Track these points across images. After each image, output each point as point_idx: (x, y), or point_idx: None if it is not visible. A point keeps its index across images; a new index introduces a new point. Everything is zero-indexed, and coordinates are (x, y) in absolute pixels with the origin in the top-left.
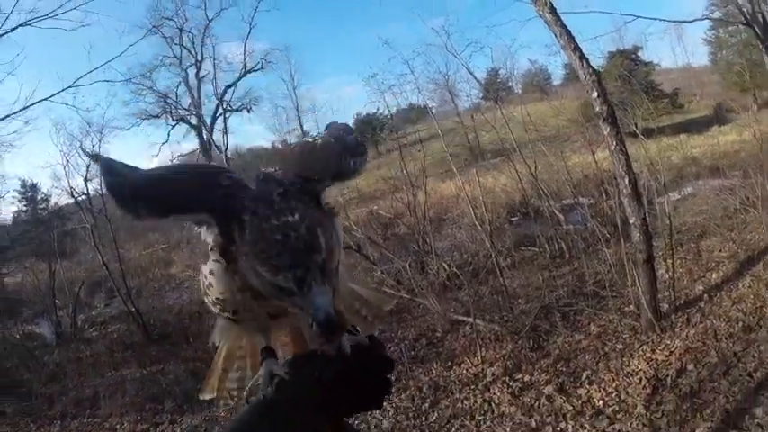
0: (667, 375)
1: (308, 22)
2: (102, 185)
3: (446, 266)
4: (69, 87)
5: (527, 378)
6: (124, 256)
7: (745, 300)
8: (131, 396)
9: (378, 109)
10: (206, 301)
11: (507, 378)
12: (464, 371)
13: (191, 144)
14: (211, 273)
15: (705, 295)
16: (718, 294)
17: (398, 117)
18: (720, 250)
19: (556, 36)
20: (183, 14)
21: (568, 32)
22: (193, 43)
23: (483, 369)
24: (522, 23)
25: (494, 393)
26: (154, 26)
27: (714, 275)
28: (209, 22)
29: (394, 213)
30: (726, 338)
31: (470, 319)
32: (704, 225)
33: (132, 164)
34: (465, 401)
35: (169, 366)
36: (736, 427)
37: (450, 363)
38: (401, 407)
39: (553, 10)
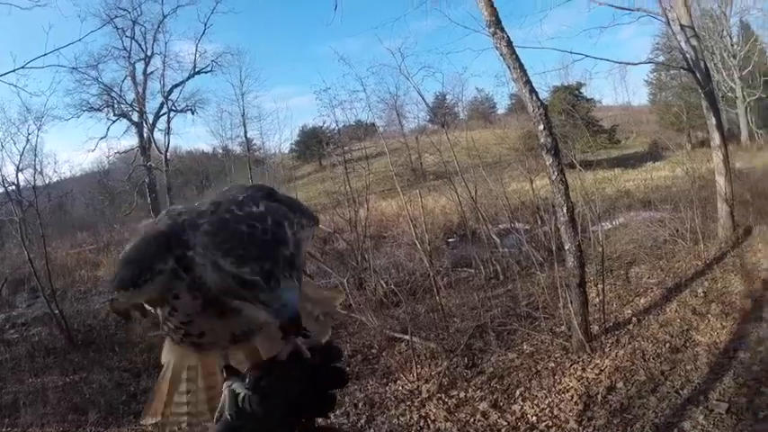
0: (598, 393)
1: (264, 29)
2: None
3: (384, 284)
4: (21, 68)
5: (462, 395)
6: (50, 254)
7: (671, 323)
8: (53, 405)
9: (324, 123)
10: (165, 330)
11: (443, 395)
12: (400, 387)
13: (130, 141)
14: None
15: (634, 318)
16: (646, 318)
17: (345, 132)
18: (649, 277)
19: (509, 68)
20: (138, 7)
21: (521, 66)
22: (145, 38)
23: (419, 386)
24: (477, 53)
25: (429, 410)
26: (111, 18)
27: (642, 300)
28: (165, 17)
29: (334, 228)
30: (653, 358)
31: (407, 337)
32: (634, 253)
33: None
34: (401, 417)
35: (93, 375)
36: None
37: (386, 379)
38: (336, 423)
39: (509, 43)
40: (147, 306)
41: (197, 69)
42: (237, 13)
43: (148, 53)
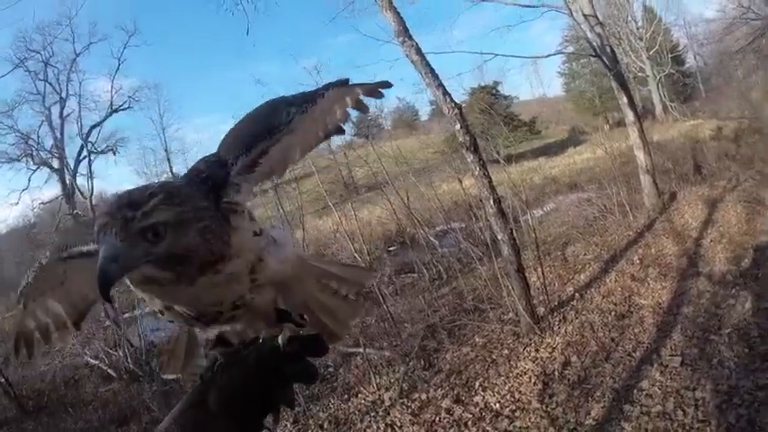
0: (554, 370)
1: (179, 60)
2: None
3: None
4: None
5: (424, 396)
6: None
7: (613, 293)
8: None
9: None
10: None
11: (405, 399)
12: (362, 400)
13: (53, 190)
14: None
15: (576, 294)
16: (588, 292)
17: None
18: (585, 254)
19: (421, 75)
20: (50, 48)
21: (433, 71)
22: (58, 79)
23: (380, 395)
24: (391, 63)
25: (394, 417)
26: (21, 60)
27: (582, 276)
28: (77, 56)
29: None
30: (601, 328)
31: (361, 350)
32: (568, 234)
33: None
34: (368, 429)
35: None
36: (627, 401)
37: (347, 395)
38: None
39: (419, 51)
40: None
41: (114, 107)
42: (150, 46)
43: (63, 95)
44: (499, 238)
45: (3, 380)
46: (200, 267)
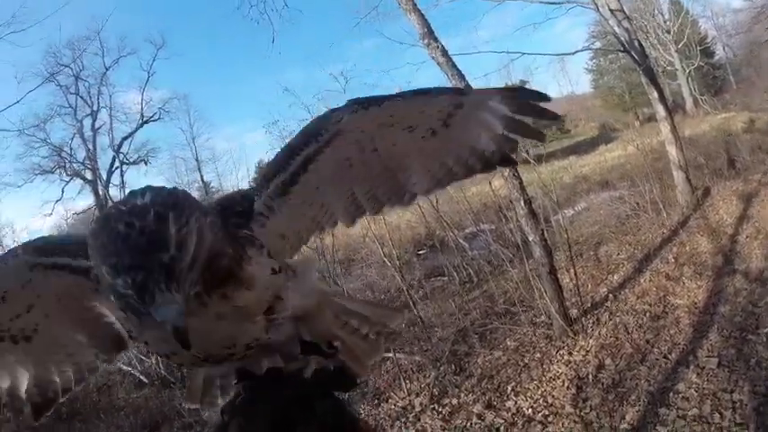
0: (588, 373)
1: (207, 70)
2: None
3: None
4: None
5: (455, 401)
6: None
7: (648, 293)
8: None
9: None
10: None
11: (435, 405)
12: (392, 405)
13: (86, 201)
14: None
15: (610, 295)
16: (622, 292)
17: None
18: (618, 254)
19: (448, 76)
20: (80, 62)
21: (459, 73)
22: (89, 92)
23: (411, 400)
24: (417, 66)
25: (425, 422)
26: (51, 74)
27: (615, 277)
28: (107, 70)
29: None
30: (636, 330)
31: (391, 355)
32: (600, 233)
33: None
34: None
35: None
36: (663, 404)
37: (377, 400)
38: None
39: (445, 53)
40: None
41: (145, 119)
42: (180, 56)
43: (94, 108)
44: (530, 239)
45: None
46: (211, 282)
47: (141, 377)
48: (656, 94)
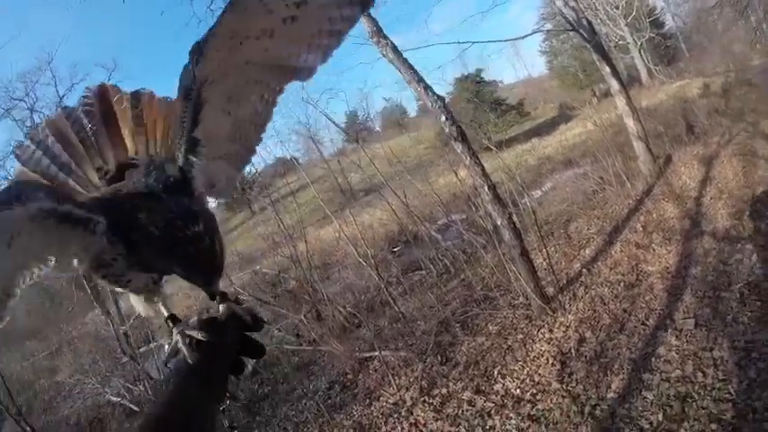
0: (570, 348)
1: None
2: None
3: (341, 309)
4: None
5: (444, 391)
6: (4, 371)
7: (620, 263)
8: None
9: None
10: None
11: (426, 397)
12: (384, 403)
13: None
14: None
15: (584, 270)
16: (595, 266)
17: (266, 172)
18: (588, 228)
19: (401, 72)
20: (33, 94)
21: (411, 67)
22: None
23: (401, 396)
24: (371, 65)
25: (418, 415)
26: (6, 109)
27: (587, 251)
28: (61, 99)
29: (279, 269)
30: (612, 300)
31: (377, 353)
32: (569, 211)
33: None
34: (393, 431)
35: None
36: (646, 370)
37: (368, 400)
38: None
39: (395, 49)
40: None
41: None
42: (132, 79)
43: None
44: (499, 223)
45: (28, 428)
46: None
47: (131, 406)
48: (608, 69)
